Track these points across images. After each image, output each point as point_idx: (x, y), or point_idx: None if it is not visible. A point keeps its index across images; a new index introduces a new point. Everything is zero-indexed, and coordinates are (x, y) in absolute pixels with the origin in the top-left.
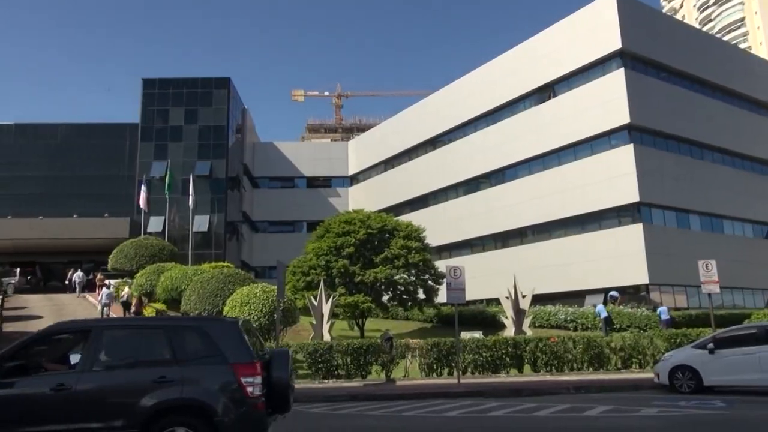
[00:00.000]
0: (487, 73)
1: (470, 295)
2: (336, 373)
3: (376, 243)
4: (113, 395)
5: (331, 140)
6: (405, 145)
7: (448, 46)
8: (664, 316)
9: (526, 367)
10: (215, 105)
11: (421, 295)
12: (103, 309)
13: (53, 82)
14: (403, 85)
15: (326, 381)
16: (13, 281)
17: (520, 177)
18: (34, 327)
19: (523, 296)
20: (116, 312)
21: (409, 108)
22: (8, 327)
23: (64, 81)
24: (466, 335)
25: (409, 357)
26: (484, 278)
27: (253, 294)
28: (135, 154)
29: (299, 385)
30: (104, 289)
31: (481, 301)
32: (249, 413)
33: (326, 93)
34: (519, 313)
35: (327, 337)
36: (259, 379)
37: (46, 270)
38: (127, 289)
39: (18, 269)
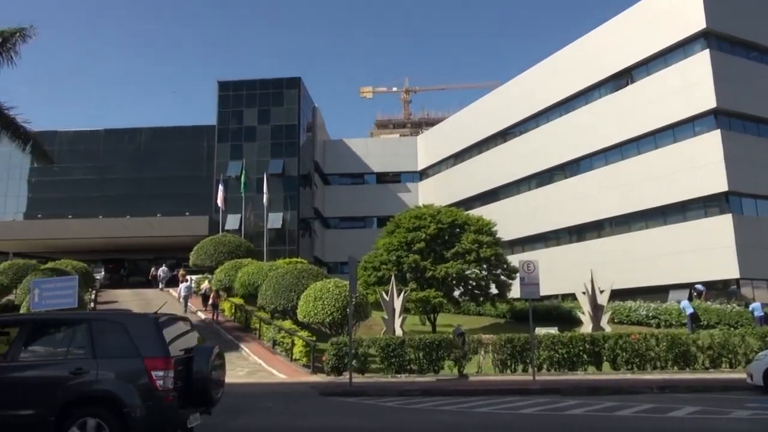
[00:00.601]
0: (560, 61)
1: (544, 290)
2: (408, 367)
3: (446, 238)
4: (32, 385)
5: (400, 135)
6: (475, 138)
7: (517, 36)
8: (758, 313)
9: (605, 365)
10: (287, 104)
11: (494, 290)
12: (183, 301)
13: (138, 88)
14: (471, 78)
15: (399, 375)
16: (98, 277)
17: (596, 167)
18: None
19: (601, 291)
20: (195, 304)
21: (479, 100)
22: None
23: (145, 86)
24: (541, 331)
25: (482, 353)
26: (558, 273)
27: (326, 289)
28: (212, 154)
29: (372, 378)
30: (184, 283)
31: (556, 296)
32: (158, 405)
33: (394, 89)
34: (596, 309)
35: (399, 332)
36: (170, 373)
37: (132, 266)
38: (206, 282)
39: (102, 266)
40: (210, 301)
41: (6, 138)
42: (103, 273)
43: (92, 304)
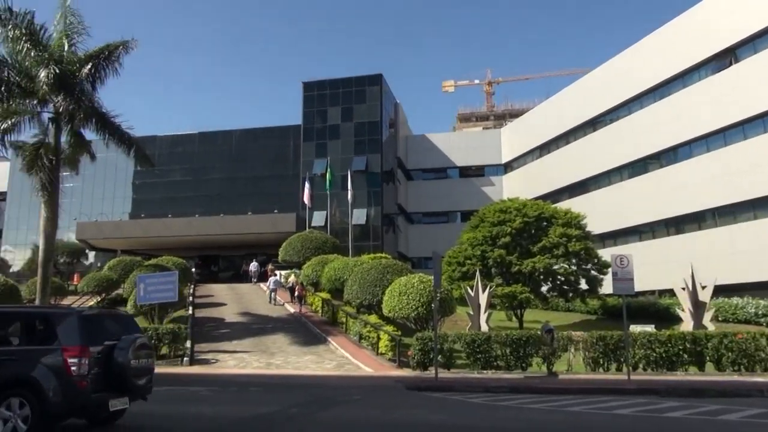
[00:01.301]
0: (653, 45)
1: (639, 286)
2: (495, 364)
3: (533, 232)
4: None
5: (483, 128)
6: (562, 129)
7: (605, 20)
8: None
9: (709, 365)
10: (369, 102)
11: (584, 285)
12: (270, 293)
13: (226, 91)
14: (557, 66)
15: (485, 372)
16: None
17: (695, 155)
18: (220, 313)
19: (703, 287)
20: (282, 296)
21: (566, 89)
22: (199, 313)
23: (233, 88)
24: (636, 329)
25: (572, 350)
26: (654, 267)
27: (410, 284)
28: (299, 153)
29: (458, 374)
30: (272, 277)
31: (652, 292)
32: (72, 389)
33: (476, 81)
34: (698, 306)
35: (484, 327)
36: (85, 361)
37: (226, 262)
38: (292, 277)
39: (192, 262)
40: (296, 294)
41: (113, 144)
42: (193, 269)
43: (190, 298)
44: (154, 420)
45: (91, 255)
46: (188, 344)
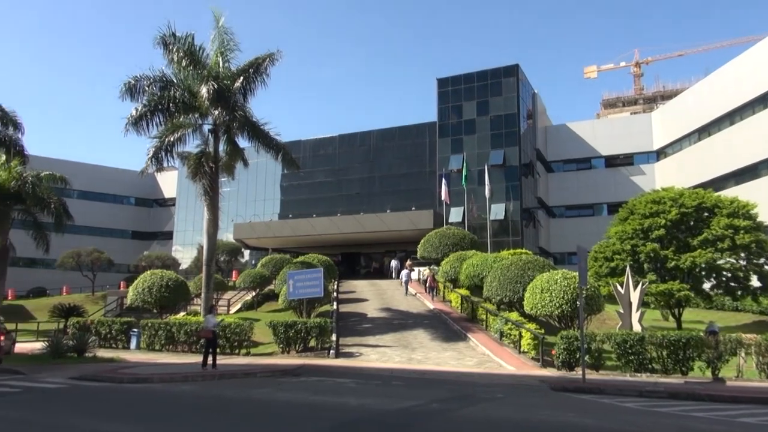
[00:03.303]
0: None
1: None
2: (649, 366)
3: (691, 223)
4: None
5: (631, 114)
6: (725, 107)
7: None
8: None
9: None
10: (505, 94)
11: (755, 282)
12: (405, 285)
13: (362, 92)
14: (715, 37)
15: (638, 374)
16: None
17: None
18: (362, 308)
19: None
20: (415, 287)
21: (729, 63)
22: (343, 308)
23: (369, 90)
24: None
25: (742, 355)
26: None
27: (553, 281)
28: (434, 150)
29: (607, 376)
30: (404, 270)
31: None
32: None
33: (622, 64)
34: None
35: (636, 327)
36: None
37: (368, 258)
38: (426, 271)
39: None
40: (428, 284)
41: (263, 150)
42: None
43: (335, 294)
44: (302, 409)
45: (246, 253)
46: (334, 338)
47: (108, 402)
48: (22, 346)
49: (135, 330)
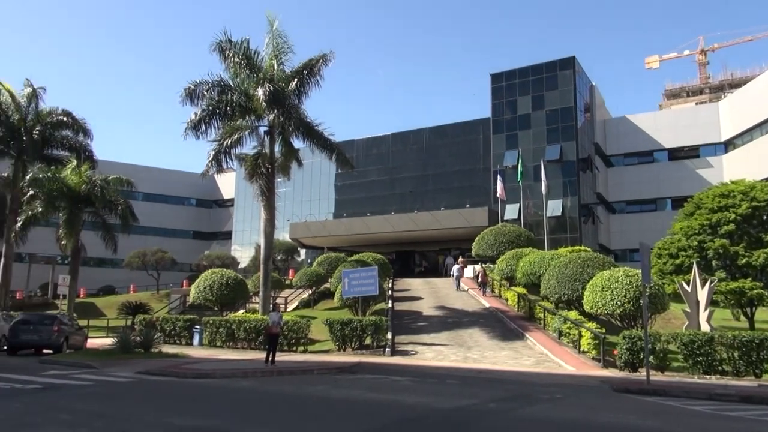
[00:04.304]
0: None
1: None
2: (719, 368)
3: (764, 218)
4: None
5: (696, 104)
6: None
7: None
8: None
9: None
10: (561, 87)
11: None
12: (456, 281)
13: (415, 90)
14: None
15: (706, 377)
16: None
17: None
18: (417, 306)
19: None
20: (467, 283)
21: None
22: (398, 306)
23: (421, 87)
24: None
25: None
26: None
27: (614, 278)
28: (488, 146)
29: (673, 378)
30: (456, 266)
31: None
32: None
33: (686, 52)
34: None
35: (705, 326)
36: None
37: (422, 257)
38: (478, 267)
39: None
40: (479, 280)
41: (317, 150)
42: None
43: (390, 292)
44: (358, 405)
45: (302, 252)
46: (389, 336)
47: (173, 396)
48: (94, 342)
49: (197, 327)
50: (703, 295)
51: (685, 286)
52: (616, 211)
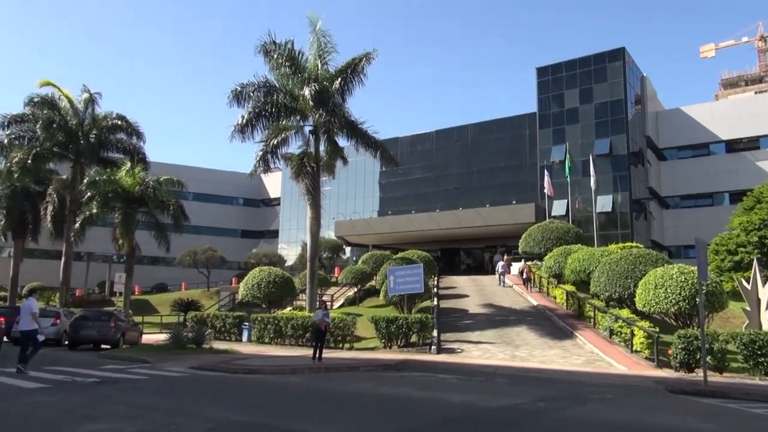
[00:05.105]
0: None
1: None
2: None
3: None
4: None
5: (756, 93)
6: None
7: None
8: None
9: None
10: (610, 79)
11: None
12: (500, 277)
13: (459, 85)
14: None
15: None
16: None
17: None
18: (463, 304)
19: None
20: (511, 279)
21: None
22: (444, 303)
23: (466, 82)
24: None
25: None
26: None
27: (668, 276)
28: (535, 142)
29: (733, 379)
30: (500, 263)
31: None
32: None
33: (744, 39)
34: None
35: (766, 326)
36: None
37: (467, 254)
38: (522, 263)
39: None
40: (524, 276)
41: (361, 148)
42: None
43: (435, 289)
44: (404, 403)
45: (348, 250)
46: (435, 333)
47: (225, 391)
48: (148, 338)
49: (246, 324)
50: (764, 293)
51: (745, 283)
52: (669, 206)
